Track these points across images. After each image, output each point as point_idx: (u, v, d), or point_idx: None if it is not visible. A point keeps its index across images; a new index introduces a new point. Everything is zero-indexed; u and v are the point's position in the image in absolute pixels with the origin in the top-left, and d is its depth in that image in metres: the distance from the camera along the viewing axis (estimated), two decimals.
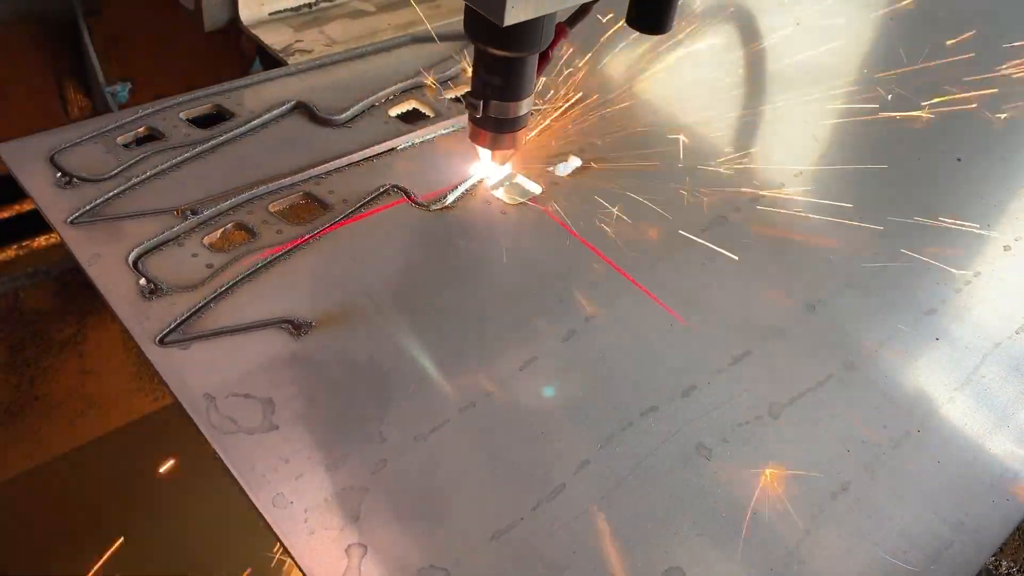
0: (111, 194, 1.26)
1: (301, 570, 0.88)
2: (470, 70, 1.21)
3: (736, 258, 1.30)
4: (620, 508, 0.97)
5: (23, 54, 1.85)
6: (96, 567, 1.67)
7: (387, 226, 1.29)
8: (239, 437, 0.98)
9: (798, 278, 1.30)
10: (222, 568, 1.96)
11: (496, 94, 1.17)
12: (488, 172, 1.39)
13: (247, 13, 1.76)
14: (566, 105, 1.55)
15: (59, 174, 1.27)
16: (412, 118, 1.53)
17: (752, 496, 1.00)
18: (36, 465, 1.86)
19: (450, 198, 1.34)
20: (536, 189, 1.39)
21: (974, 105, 1.70)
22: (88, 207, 1.23)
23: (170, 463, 1.73)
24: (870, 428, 1.10)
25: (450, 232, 1.29)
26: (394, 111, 1.52)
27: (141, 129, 1.40)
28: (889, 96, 1.67)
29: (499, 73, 1.14)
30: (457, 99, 1.59)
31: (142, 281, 1.14)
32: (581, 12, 1.23)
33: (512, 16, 0.95)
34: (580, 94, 1.58)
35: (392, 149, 1.43)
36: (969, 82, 1.73)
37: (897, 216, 1.43)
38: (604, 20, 1.64)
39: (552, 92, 1.56)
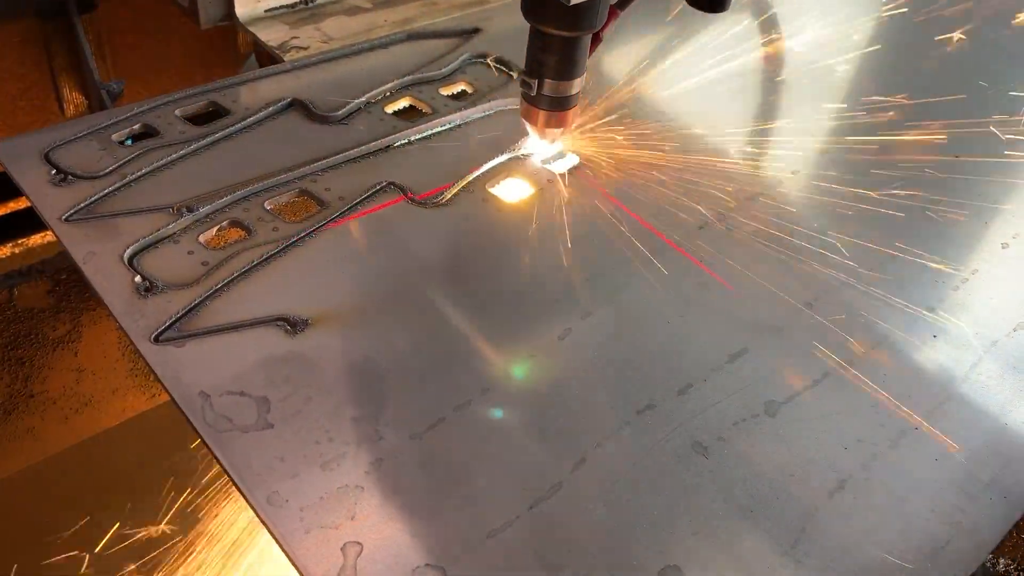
0: (106, 191, 1.25)
1: (298, 569, 0.88)
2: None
3: (732, 256, 1.30)
4: (617, 506, 0.97)
5: (17, 51, 1.85)
6: None
7: (383, 223, 1.28)
8: (234, 435, 0.98)
9: (795, 275, 1.29)
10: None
11: (551, 73, 1.19)
12: (538, 150, 1.41)
13: (243, 10, 1.75)
14: None
15: (54, 171, 1.27)
16: (409, 115, 1.52)
17: (749, 494, 1.00)
18: (31, 463, 1.86)
19: (447, 195, 1.34)
20: (530, 189, 1.38)
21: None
22: (83, 204, 1.23)
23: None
24: (867, 426, 1.10)
25: (446, 230, 1.29)
26: (390, 108, 1.52)
27: (136, 126, 1.39)
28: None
29: (555, 52, 1.17)
30: (453, 96, 1.58)
31: (137, 279, 1.13)
32: None
33: None
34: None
35: (389, 146, 1.42)
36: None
37: (895, 213, 1.43)
38: None
39: None
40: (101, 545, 1.86)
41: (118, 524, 1.87)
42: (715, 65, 1.74)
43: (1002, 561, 1.16)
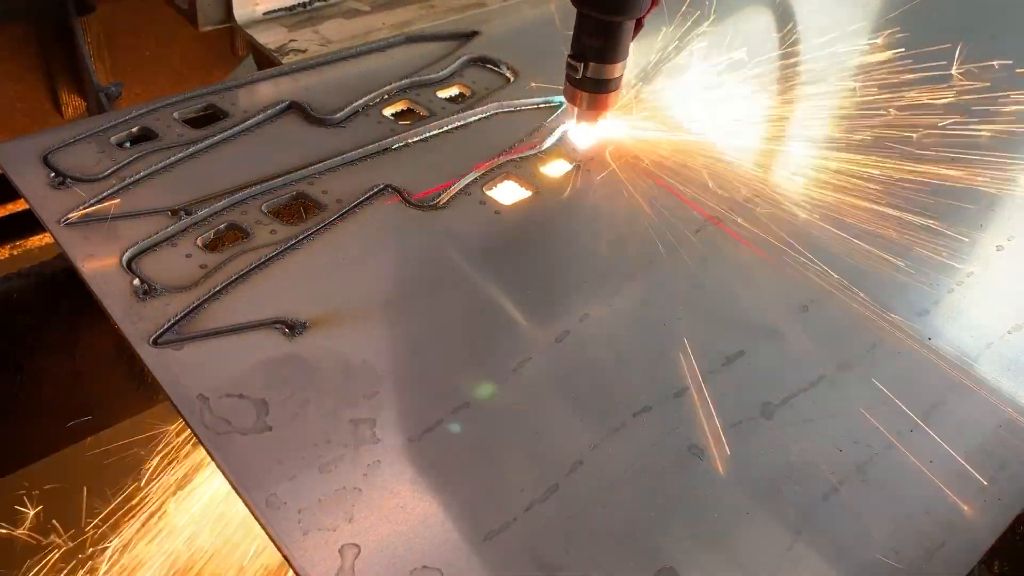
0: (105, 194, 1.25)
1: (296, 571, 0.88)
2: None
3: (727, 258, 1.30)
4: (613, 509, 0.97)
5: (15, 54, 1.85)
6: None
7: (381, 226, 1.29)
8: (233, 438, 0.98)
9: (791, 278, 1.30)
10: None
11: (597, 56, 1.26)
12: (581, 133, 1.45)
13: (241, 13, 1.76)
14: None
15: (52, 174, 1.27)
16: (407, 118, 1.53)
17: (745, 496, 1.00)
18: (28, 467, 1.86)
19: (444, 198, 1.34)
20: (526, 192, 1.39)
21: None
22: (81, 207, 1.23)
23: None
24: (863, 428, 1.10)
25: (443, 232, 1.29)
26: (388, 111, 1.52)
27: (135, 129, 1.40)
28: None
29: (601, 36, 1.24)
30: (451, 99, 1.59)
31: (136, 282, 1.14)
32: None
33: None
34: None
35: (386, 149, 1.43)
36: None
37: (890, 216, 1.43)
38: None
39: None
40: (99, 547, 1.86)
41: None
42: (726, 64, 1.75)
43: (996, 564, 1.17)
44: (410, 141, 1.45)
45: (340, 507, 0.93)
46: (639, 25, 1.29)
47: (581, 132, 1.46)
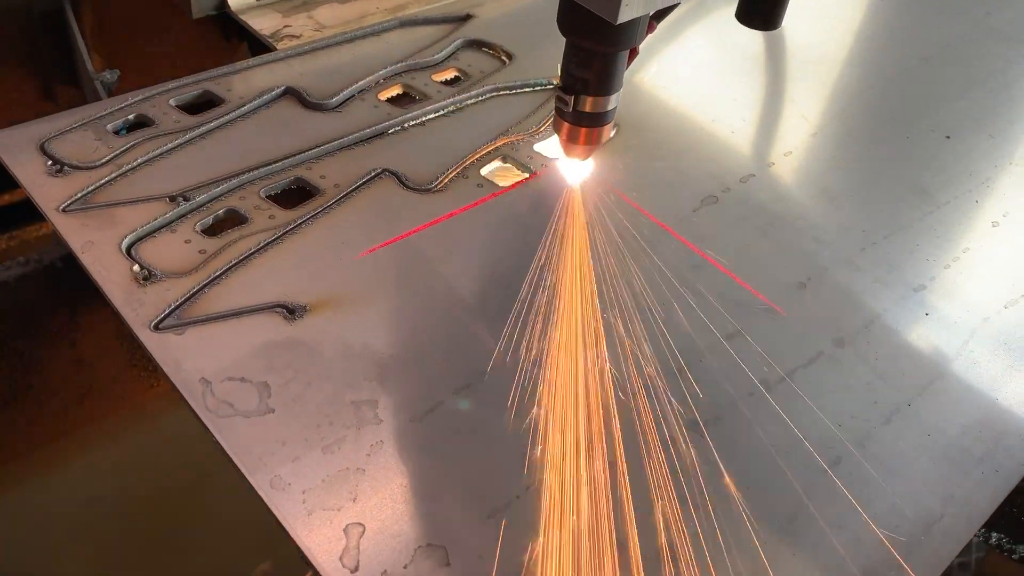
0: (103, 181, 1.25)
1: (302, 550, 0.89)
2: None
3: (725, 237, 1.31)
4: (615, 486, 0.98)
5: (9, 42, 1.84)
6: None
7: (378, 210, 1.29)
8: (236, 421, 0.99)
9: (788, 256, 1.30)
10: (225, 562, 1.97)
11: (589, 89, 1.14)
12: (570, 167, 1.38)
13: None
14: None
15: (50, 162, 1.27)
16: (402, 102, 1.53)
17: (745, 473, 1.01)
18: (30, 454, 1.86)
19: (441, 181, 1.35)
20: (524, 174, 1.39)
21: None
22: (80, 195, 1.23)
23: None
24: (861, 404, 1.11)
25: (441, 215, 1.29)
26: (384, 95, 1.52)
27: (131, 116, 1.39)
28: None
29: (593, 69, 1.12)
30: (446, 82, 1.59)
31: (135, 268, 1.14)
32: (670, 7, 1.23)
33: (625, 14, 0.93)
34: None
35: (382, 133, 1.43)
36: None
37: (886, 193, 1.44)
38: None
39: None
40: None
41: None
42: (708, 44, 1.75)
43: (994, 534, 1.18)
44: (406, 125, 1.45)
45: (344, 487, 0.94)
46: (633, 52, 1.23)
47: (570, 167, 1.32)
